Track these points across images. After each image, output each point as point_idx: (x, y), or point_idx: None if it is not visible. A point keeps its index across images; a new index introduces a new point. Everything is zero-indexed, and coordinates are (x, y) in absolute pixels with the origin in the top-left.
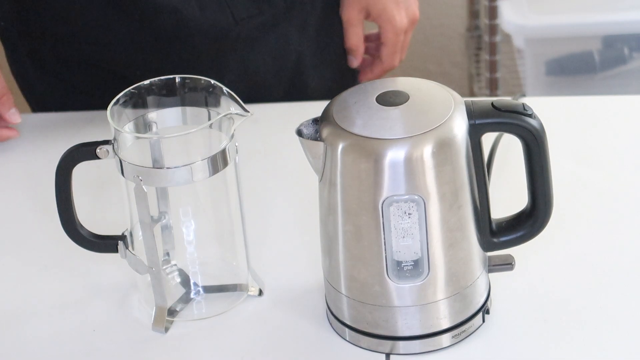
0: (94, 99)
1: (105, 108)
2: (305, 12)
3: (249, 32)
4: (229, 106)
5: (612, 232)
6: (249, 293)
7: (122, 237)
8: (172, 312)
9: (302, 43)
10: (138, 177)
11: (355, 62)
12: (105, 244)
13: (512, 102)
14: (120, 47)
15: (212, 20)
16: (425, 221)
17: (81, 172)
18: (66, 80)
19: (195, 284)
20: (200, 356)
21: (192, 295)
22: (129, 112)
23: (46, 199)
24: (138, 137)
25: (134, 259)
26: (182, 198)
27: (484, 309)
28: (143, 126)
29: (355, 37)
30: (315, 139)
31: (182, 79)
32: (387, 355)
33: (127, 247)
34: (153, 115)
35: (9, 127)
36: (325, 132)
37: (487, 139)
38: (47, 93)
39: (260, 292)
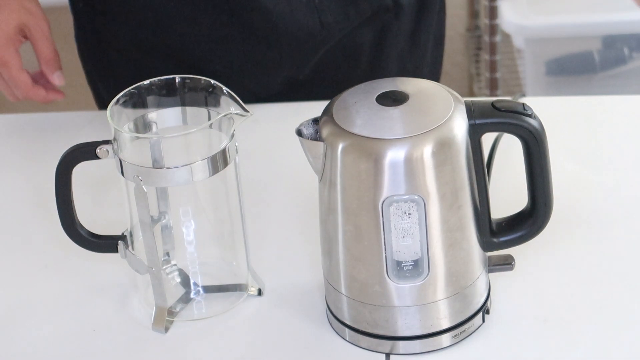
0: None
1: None
2: (389, 20)
3: (333, 36)
4: (229, 106)
5: (612, 232)
6: (249, 293)
7: (122, 237)
8: (172, 312)
9: (379, 47)
10: (138, 177)
11: None
12: (105, 244)
13: (512, 102)
14: (205, 40)
15: (300, 22)
16: (425, 221)
17: (81, 172)
18: (143, 69)
19: (195, 284)
20: (200, 356)
21: (192, 295)
22: (129, 112)
23: (46, 199)
24: (138, 137)
25: (134, 259)
26: (182, 198)
27: (484, 309)
28: (143, 126)
29: None
30: (315, 139)
31: (182, 79)
32: (387, 355)
33: (127, 247)
34: (153, 115)
35: (54, 89)
36: (325, 132)
37: (487, 139)
38: (120, 81)
39: (260, 292)
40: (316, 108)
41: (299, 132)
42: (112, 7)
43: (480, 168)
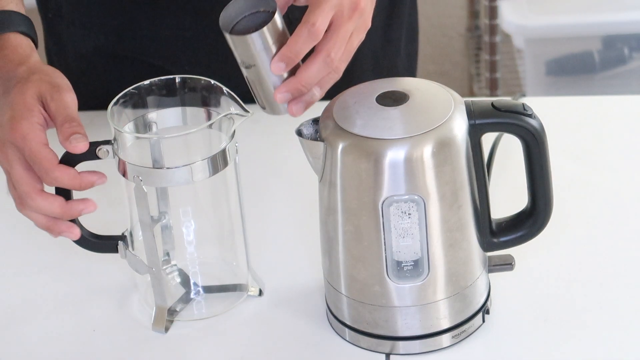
0: None
1: None
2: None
3: None
4: (229, 106)
5: (612, 232)
6: (249, 293)
7: (122, 237)
8: (172, 312)
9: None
10: (138, 177)
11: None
12: (105, 244)
13: (512, 102)
14: (169, 42)
15: None
16: (425, 221)
17: None
18: (109, 77)
19: (195, 284)
20: (200, 356)
21: (192, 295)
22: (129, 112)
23: None
24: (138, 137)
25: (134, 259)
26: (182, 198)
27: (484, 309)
28: (143, 126)
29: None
30: (315, 139)
31: (182, 79)
32: (387, 355)
33: (127, 247)
34: (153, 115)
35: (93, 171)
36: (325, 132)
37: (487, 139)
38: (87, 91)
39: (260, 292)
40: (316, 108)
41: (299, 132)
42: (77, 16)
43: (480, 168)
